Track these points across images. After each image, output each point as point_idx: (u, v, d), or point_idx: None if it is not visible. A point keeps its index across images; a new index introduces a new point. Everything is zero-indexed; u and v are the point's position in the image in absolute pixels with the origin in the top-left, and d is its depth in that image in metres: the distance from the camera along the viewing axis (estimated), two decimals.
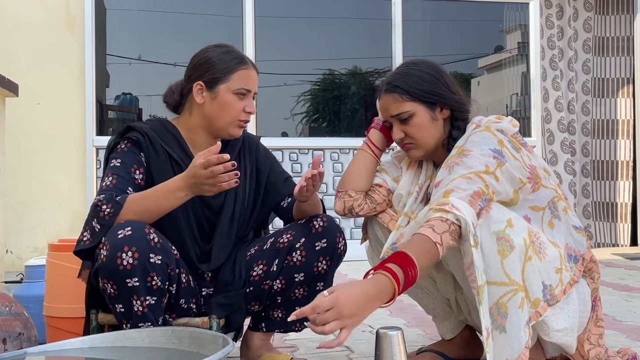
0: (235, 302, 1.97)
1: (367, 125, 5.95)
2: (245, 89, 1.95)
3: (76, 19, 4.98)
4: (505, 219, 1.69)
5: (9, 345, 1.85)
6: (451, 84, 1.94)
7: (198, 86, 1.94)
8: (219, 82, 1.93)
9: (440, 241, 1.55)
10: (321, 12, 5.89)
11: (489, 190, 1.69)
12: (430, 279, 2.07)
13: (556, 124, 5.80)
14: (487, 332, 1.61)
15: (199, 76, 1.95)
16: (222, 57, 1.95)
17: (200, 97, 1.94)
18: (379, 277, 1.43)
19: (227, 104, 1.93)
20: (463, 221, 1.58)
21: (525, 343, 1.65)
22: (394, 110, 1.91)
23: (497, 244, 1.65)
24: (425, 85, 1.89)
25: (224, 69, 1.93)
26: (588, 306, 1.86)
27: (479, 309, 1.60)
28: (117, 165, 1.88)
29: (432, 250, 1.53)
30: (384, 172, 2.06)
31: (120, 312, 1.76)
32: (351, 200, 1.99)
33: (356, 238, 5.25)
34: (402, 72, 1.94)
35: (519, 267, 1.67)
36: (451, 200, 1.62)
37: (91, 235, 1.77)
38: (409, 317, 2.90)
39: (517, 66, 6.08)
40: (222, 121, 1.95)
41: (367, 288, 1.40)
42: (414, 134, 1.91)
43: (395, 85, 1.91)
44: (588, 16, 5.98)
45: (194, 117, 1.98)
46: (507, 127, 1.86)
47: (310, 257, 1.97)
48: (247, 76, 1.96)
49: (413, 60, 2.00)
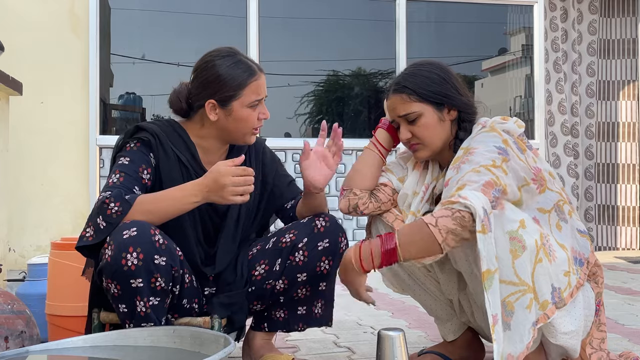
0: (237, 301, 1.97)
1: (370, 126, 5.96)
2: (258, 100, 1.94)
3: (81, 18, 4.99)
4: (518, 220, 1.70)
5: (11, 344, 1.85)
6: (459, 85, 1.94)
7: (210, 104, 1.91)
8: (232, 99, 1.90)
9: (434, 223, 1.61)
10: (325, 13, 5.89)
11: (500, 182, 1.70)
12: (434, 280, 2.07)
13: (559, 127, 5.80)
14: (494, 320, 1.62)
15: (210, 94, 1.91)
16: (231, 73, 1.90)
17: (214, 114, 1.92)
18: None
19: (243, 118, 1.92)
20: (472, 208, 1.61)
21: (527, 344, 1.66)
22: (402, 110, 1.91)
23: (509, 244, 1.66)
24: (434, 86, 1.90)
25: (235, 86, 1.90)
26: (592, 310, 1.86)
27: (485, 295, 1.61)
28: (126, 163, 1.87)
29: (424, 229, 1.63)
30: (390, 172, 2.06)
31: (123, 312, 1.76)
32: (356, 199, 1.99)
33: (359, 239, 5.24)
34: (410, 73, 1.94)
35: (530, 268, 1.68)
36: (459, 192, 1.66)
37: (95, 232, 1.76)
38: (411, 318, 2.89)
39: (521, 68, 6.07)
40: (239, 133, 1.95)
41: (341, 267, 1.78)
42: (422, 135, 1.91)
43: (403, 86, 1.91)
44: (592, 19, 5.97)
45: (207, 129, 1.96)
46: (512, 128, 1.86)
47: (312, 257, 1.97)
48: (258, 86, 1.93)
49: (422, 61, 1.99)
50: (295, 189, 2.13)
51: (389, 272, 2.14)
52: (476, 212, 1.61)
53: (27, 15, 4.89)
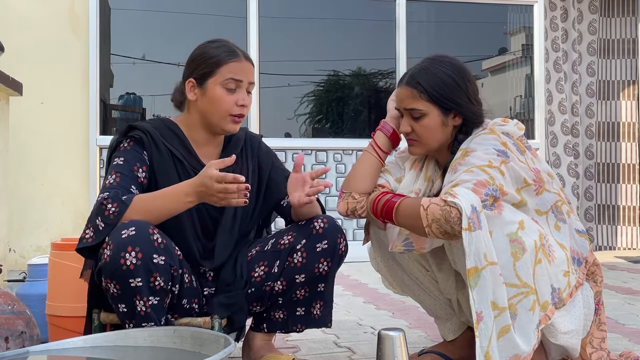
0: (236, 302, 1.97)
1: (370, 126, 5.96)
2: (235, 79, 1.91)
3: (81, 18, 4.99)
4: (517, 221, 1.71)
5: (11, 344, 1.85)
6: (472, 92, 1.90)
7: (190, 83, 1.94)
8: (208, 77, 1.91)
9: (425, 206, 1.70)
10: (325, 13, 5.89)
11: (494, 182, 1.70)
12: (432, 280, 2.07)
13: (560, 127, 5.79)
14: (478, 317, 1.64)
15: (191, 73, 1.94)
16: (211, 52, 1.93)
17: (193, 94, 1.94)
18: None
19: (216, 98, 1.91)
20: (459, 205, 1.63)
21: (533, 346, 1.67)
22: (409, 104, 1.90)
23: (510, 246, 1.67)
24: (446, 91, 1.86)
25: (212, 63, 1.91)
26: (592, 309, 1.87)
27: (470, 293, 1.63)
28: (120, 163, 1.88)
29: (415, 206, 1.73)
30: (387, 172, 2.06)
31: (122, 312, 1.76)
32: (354, 203, 1.99)
33: (358, 239, 5.23)
34: (427, 69, 1.89)
35: (531, 270, 1.68)
36: (450, 189, 1.68)
37: (94, 233, 1.77)
38: (411, 318, 2.89)
39: (521, 68, 6.07)
40: (214, 116, 1.93)
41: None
42: (421, 133, 1.91)
43: (417, 82, 1.87)
44: (593, 18, 5.96)
45: (192, 115, 1.98)
46: (512, 130, 1.86)
47: (311, 258, 1.97)
48: (237, 68, 1.92)
49: (442, 58, 1.93)
50: None
51: (388, 273, 2.14)
52: (462, 209, 1.62)
53: (27, 15, 4.89)
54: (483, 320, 1.64)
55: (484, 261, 1.64)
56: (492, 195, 1.70)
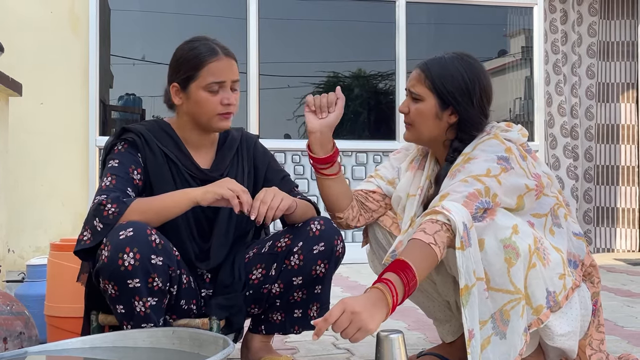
0: (235, 303, 1.97)
1: (369, 127, 5.97)
2: (217, 82, 1.90)
3: (81, 19, 4.99)
4: (511, 225, 1.70)
5: (10, 345, 1.85)
6: (479, 98, 1.88)
7: (174, 87, 1.95)
8: (190, 80, 1.91)
9: (434, 241, 1.59)
10: (325, 14, 5.89)
11: (488, 192, 1.70)
12: (430, 282, 2.07)
13: (559, 129, 5.80)
14: (470, 335, 1.64)
15: (174, 77, 1.95)
16: (189, 55, 1.92)
17: (178, 98, 1.95)
18: (375, 290, 1.53)
19: (200, 102, 1.91)
20: (452, 222, 1.62)
21: (520, 350, 1.68)
22: (412, 85, 1.93)
23: (504, 252, 1.66)
24: (450, 86, 1.87)
25: (191, 67, 1.91)
26: (589, 310, 1.87)
27: (463, 311, 1.63)
28: (115, 165, 1.88)
29: (428, 251, 1.59)
30: (378, 176, 2.07)
31: (121, 313, 1.76)
32: (343, 220, 2.02)
33: (357, 241, 5.24)
34: (443, 60, 1.91)
35: (523, 274, 1.68)
36: (443, 203, 1.66)
37: (92, 234, 1.77)
38: (410, 320, 2.89)
39: (520, 70, 6.07)
40: (202, 117, 1.94)
41: (368, 296, 1.51)
42: (414, 117, 1.92)
43: (428, 67, 1.90)
44: (592, 21, 5.97)
45: (180, 117, 1.99)
46: (516, 138, 1.86)
47: (308, 260, 1.97)
48: (217, 68, 1.91)
49: (465, 57, 1.92)
50: (289, 184, 2.10)
51: None
52: (456, 227, 1.62)
53: (27, 16, 4.89)
54: (474, 338, 1.64)
55: (474, 278, 1.64)
56: (482, 208, 1.69)
